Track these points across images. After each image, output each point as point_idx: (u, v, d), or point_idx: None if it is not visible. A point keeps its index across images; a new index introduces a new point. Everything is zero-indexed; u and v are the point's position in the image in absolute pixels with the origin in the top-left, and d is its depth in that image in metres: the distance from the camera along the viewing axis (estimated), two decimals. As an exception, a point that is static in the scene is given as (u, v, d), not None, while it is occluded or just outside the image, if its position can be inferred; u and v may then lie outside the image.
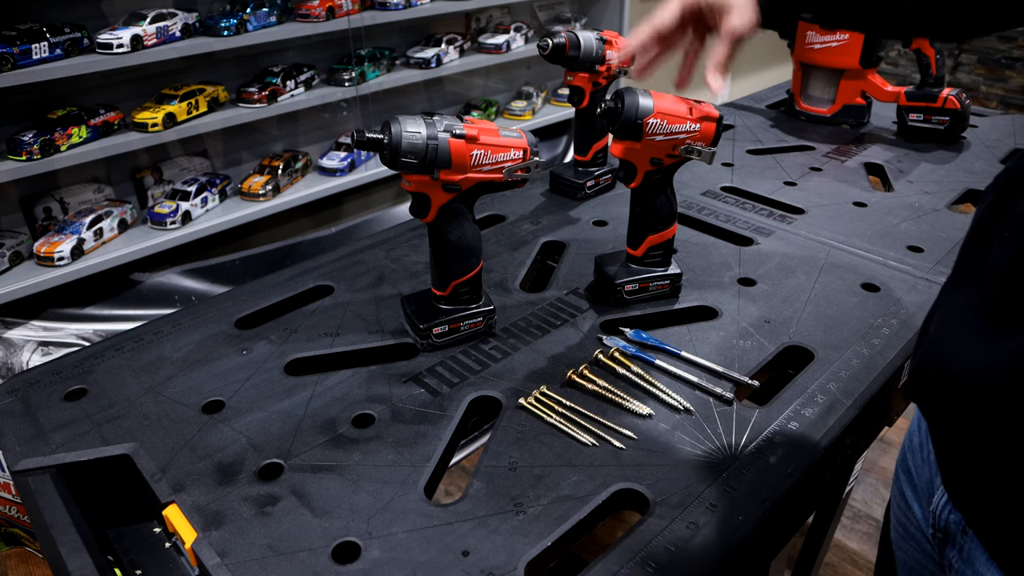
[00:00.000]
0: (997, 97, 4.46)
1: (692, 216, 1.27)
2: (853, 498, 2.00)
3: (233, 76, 2.16)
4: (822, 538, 1.29)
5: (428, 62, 2.44)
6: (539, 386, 0.84)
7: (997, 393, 0.52)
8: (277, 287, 1.06)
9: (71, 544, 0.65)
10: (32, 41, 1.63)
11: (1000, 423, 0.53)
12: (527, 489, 0.71)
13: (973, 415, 0.56)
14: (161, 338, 0.95)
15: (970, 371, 0.55)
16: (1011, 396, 0.51)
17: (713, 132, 0.90)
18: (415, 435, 0.78)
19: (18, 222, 1.88)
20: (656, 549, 0.65)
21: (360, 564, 0.63)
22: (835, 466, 0.83)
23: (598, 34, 1.20)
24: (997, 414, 0.53)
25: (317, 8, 2.11)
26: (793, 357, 0.92)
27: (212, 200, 2.10)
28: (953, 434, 0.60)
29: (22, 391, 0.85)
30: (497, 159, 0.84)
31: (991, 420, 0.54)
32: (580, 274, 1.09)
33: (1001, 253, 0.54)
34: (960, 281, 0.61)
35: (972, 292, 0.58)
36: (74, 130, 1.76)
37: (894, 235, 1.21)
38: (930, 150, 1.59)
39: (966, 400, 0.56)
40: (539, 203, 1.33)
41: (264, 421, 0.80)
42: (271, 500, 0.70)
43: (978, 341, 0.55)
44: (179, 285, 2.00)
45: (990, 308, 0.55)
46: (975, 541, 0.60)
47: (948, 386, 0.58)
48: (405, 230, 1.23)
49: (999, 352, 0.52)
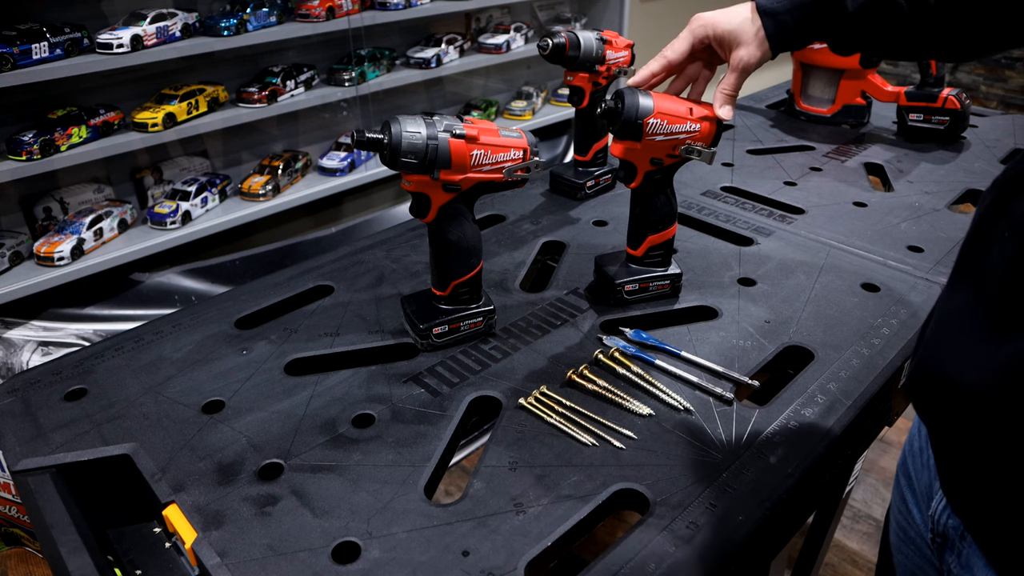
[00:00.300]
0: (997, 97, 4.46)
1: (692, 216, 1.27)
2: (853, 498, 2.00)
3: (233, 76, 2.16)
4: (822, 538, 1.29)
5: (428, 62, 2.44)
6: (539, 386, 0.84)
7: (995, 398, 0.52)
8: (277, 287, 1.06)
9: (71, 544, 0.65)
10: (32, 41, 1.63)
11: (998, 428, 0.52)
12: (527, 489, 0.71)
13: (971, 420, 0.55)
14: (161, 338, 0.95)
15: (968, 375, 0.54)
16: (1009, 401, 0.50)
17: (713, 132, 0.90)
18: (415, 435, 0.78)
19: (18, 222, 1.88)
20: (656, 549, 0.65)
21: (360, 564, 0.63)
22: (835, 466, 0.83)
23: (598, 34, 1.20)
24: (995, 419, 0.52)
25: (317, 8, 2.10)
26: (793, 357, 0.92)
27: (212, 200, 2.10)
28: (951, 439, 0.60)
29: (22, 391, 0.85)
30: (497, 159, 0.84)
31: (989, 425, 0.53)
32: (580, 274, 1.09)
33: (1000, 254, 0.53)
34: (959, 283, 0.61)
35: (970, 294, 0.57)
36: (74, 130, 1.76)
37: (894, 235, 1.21)
38: (930, 150, 1.59)
39: (964, 405, 0.55)
40: (539, 203, 1.33)
41: (264, 421, 0.80)
42: (271, 500, 0.70)
43: (976, 344, 0.54)
44: (179, 285, 2.00)
45: (989, 310, 0.54)
46: (973, 547, 0.60)
47: (945, 390, 0.57)
48: (405, 230, 1.23)
49: (997, 356, 0.51)
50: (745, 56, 0.82)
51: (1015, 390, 0.50)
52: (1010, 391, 0.50)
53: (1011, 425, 0.51)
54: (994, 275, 0.54)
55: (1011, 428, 0.51)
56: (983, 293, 0.55)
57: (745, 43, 0.82)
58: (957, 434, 0.58)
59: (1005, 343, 0.51)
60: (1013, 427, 0.51)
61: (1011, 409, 0.51)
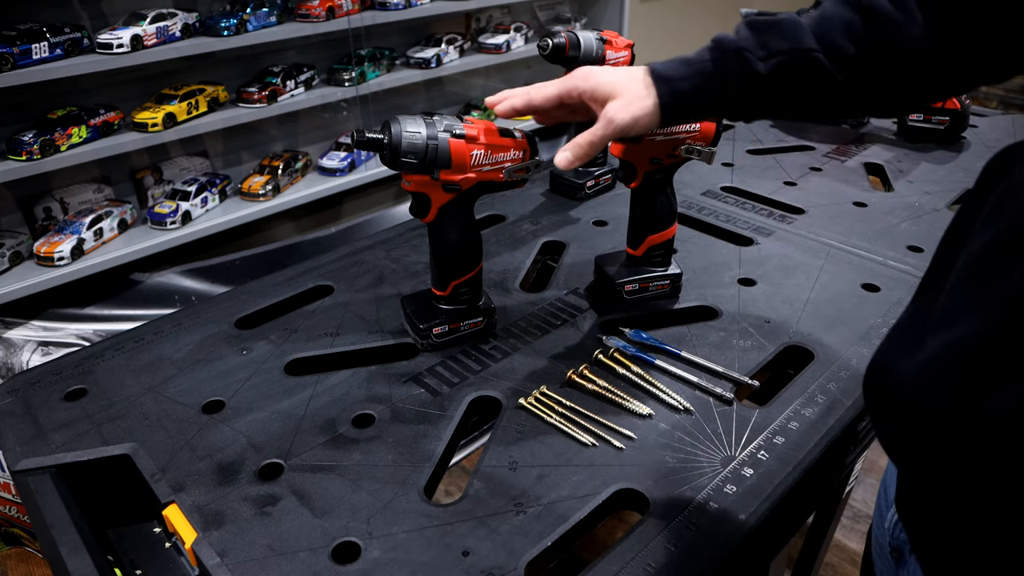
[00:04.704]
0: (997, 97, 4.46)
1: (692, 216, 1.27)
2: (853, 498, 2.00)
3: (233, 76, 2.16)
4: (822, 538, 1.29)
5: (428, 62, 2.44)
6: (539, 386, 0.84)
7: (922, 399, 0.47)
8: (277, 287, 1.06)
9: (71, 544, 0.65)
10: (32, 41, 1.63)
11: (929, 435, 0.47)
12: (527, 489, 0.71)
13: (907, 425, 0.50)
14: (161, 338, 0.95)
15: (901, 375, 0.50)
16: (936, 403, 0.46)
17: (713, 132, 0.90)
18: (415, 435, 0.78)
19: (18, 222, 1.88)
20: (656, 549, 0.65)
21: (360, 564, 0.63)
22: (835, 466, 0.83)
23: (598, 34, 1.20)
24: (926, 425, 0.47)
25: (317, 8, 2.11)
26: (793, 357, 0.92)
27: (212, 200, 2.10)
28: (891, 446, 0.54)
29: (22, 391, 0.85)
30: (497, 159, 0.84)
31: (921, 432, 0.48)
32: (580, 274, 1.09)
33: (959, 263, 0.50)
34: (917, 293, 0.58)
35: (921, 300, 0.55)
36: (74, 130, 1.76)
37: (894, 235, 1.21)
38: (930, 150, 1.59)
39: (898, 407, 0.50)
40: (539, 203, 1.33)
41: (264, 421, 0.80)
42: (271, 500, 0.70)
43: (912, 343, 0.51)
44: (179, 285, 2.00)
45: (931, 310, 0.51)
46: (917, 564, 0.58)
47: (883, 393, 0.53)
48: (405, 230, 1.23)
49: (920, 356, 0.48)
50: (618, 114, 0.72)
51: (938, 391, 0.46)
52: (935, 392, 0.46)
53: (941, 433, 0.46)
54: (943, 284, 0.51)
55: (938, 437, 0.46)
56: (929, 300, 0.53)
57: (623, 97, 0.72)
58: (896, 442, 0.53)
59: (930, 342, 0.48)
60: (942, 436, 0.46)
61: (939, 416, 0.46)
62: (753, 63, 0.68)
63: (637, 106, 0.72)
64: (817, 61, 0.67)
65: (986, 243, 0.47)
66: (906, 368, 0.49)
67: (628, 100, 0.72)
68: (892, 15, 0.64)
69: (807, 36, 0.67)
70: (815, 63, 0.67)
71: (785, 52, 0.68)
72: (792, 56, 0.67)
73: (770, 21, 0.69)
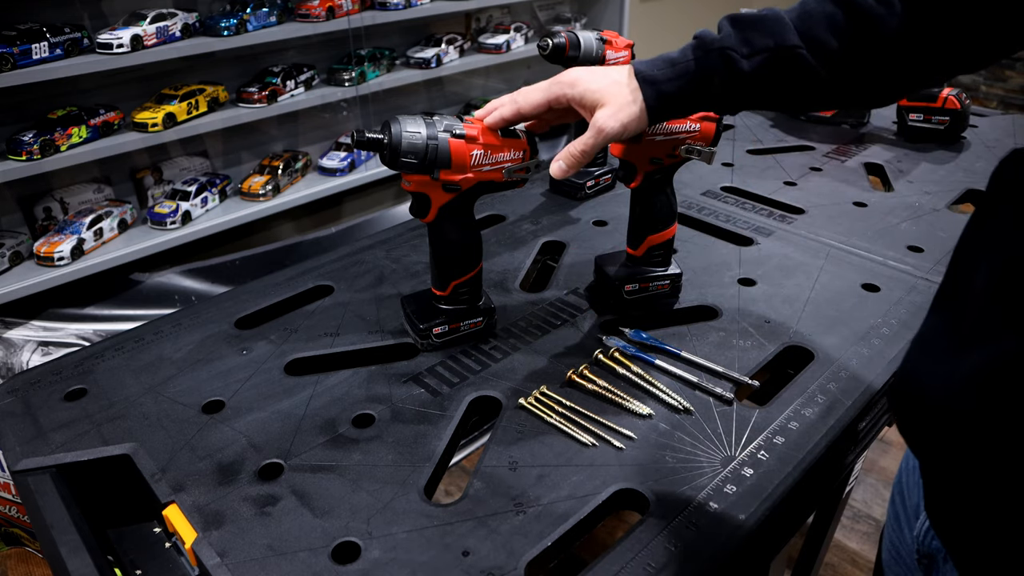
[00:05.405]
0: (997, 97, 4.46)
1: (692, 216, 1.27)
2: (853, 498, 2.00)
3: (233, 76, 2.17)
4: (822, 538, 1.29)
5: (428, 62, 2.44)
6: (539, 386, 0.84)
7: (963, 414, 0.48)
8: (277, 287, 1.06)
9: (71, 544, 0.65)
10: (32, 41, 1.63)
11: (970, 447, 0.48)
12: (527, 489, 0.71)
13: (944, 438, 0.51)
14: (161, 338, 0.95)
15: (935, 391, 0.51)
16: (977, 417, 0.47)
17: (713, 132, 0.90)
18: (415, 435, 0.78)
19: (18, 222, 1.88)
20: (656, 549, 0.65)
21: (360, 564, 0.63)
22: (835, 466, 0.83)
23: (598, 34, 1.20)
24: (966, 437, 0.49)
25: (317, 8, 2.11)
26: (793, 357, 0.92)
27: (212, 200, 2.10)
28: (929, 459, 0.56)
29: (22, 391, 0.85)
30: (497, 159, 0.84)
31: (961, 444, 0.49)
32: (580, 274, 1.09)
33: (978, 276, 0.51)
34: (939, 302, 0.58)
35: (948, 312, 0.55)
36: (74, 130, 1.76)
37: (894, 235, 1.21)
38: (930, 150, 1.59)
39: (936, 421, 0.51)
40: (539, 203, 1.33)
41: (264, 421, 0.80)
42: (271, 500, 0.70)
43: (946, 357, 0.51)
44: (179, 285, 2.00)
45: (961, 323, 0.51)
46: (954, 571, 0.58)
47: (919, 406, 0.54)
48: (405, 230, 1.23)
49: (961, 369, 0.48)
50: (607, 122, 0.73)
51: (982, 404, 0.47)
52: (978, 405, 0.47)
53: (982, 442, 0.47)
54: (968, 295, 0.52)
55: (982, 446, 0.47)
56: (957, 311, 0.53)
57: (611, 105, 0.73)
58: (934, 453, 0.55)
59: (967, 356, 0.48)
60: (984, 444, 0.47)
61: (979, 425, 0.47)
62: (738, 61, 0.69)
63: (625, 113, 0.73)
64: (801, 57, 0.67)
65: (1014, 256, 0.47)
66: (944, 384, 0.50)
67: (616, 108, 0.73)
68: (873, 8, 0.65)
69: (790, 32, 0.67)
70: (799, 59, 0.67)
71: (769, 49, 0.68)
72: (776, 53, 0.68)
73: (753, 17, 0.70)
